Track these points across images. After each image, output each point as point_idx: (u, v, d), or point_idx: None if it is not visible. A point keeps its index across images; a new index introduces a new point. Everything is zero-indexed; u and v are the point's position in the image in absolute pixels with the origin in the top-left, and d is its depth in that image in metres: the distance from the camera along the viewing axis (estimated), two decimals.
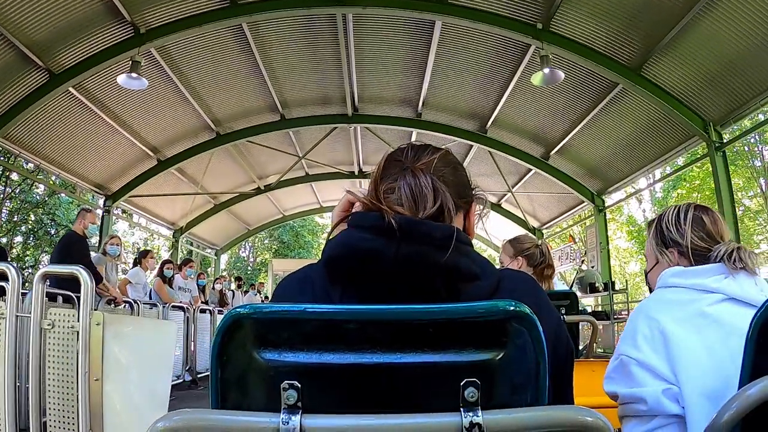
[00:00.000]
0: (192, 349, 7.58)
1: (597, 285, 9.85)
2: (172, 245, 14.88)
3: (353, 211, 1.04)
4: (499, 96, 9.77)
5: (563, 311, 2.76)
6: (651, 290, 1.60)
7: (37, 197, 18.96)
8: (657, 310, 1.40)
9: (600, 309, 10.53)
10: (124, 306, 5.71)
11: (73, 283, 3.17)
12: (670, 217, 1.56)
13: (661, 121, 8.76)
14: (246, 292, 13.98)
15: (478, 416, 0.72)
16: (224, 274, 14.10)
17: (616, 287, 9.72)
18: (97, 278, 4.98)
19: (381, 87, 10.25)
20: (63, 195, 17.77)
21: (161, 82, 9.08)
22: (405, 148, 1.08)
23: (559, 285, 3.94)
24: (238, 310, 0.77)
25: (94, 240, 6.08)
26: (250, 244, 32.35)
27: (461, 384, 0.74)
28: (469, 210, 1.10)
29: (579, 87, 8.86)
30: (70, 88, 8.23)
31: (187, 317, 7.45)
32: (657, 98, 8.00)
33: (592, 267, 10.99)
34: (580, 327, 4.12)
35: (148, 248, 7.73)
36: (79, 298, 3.01)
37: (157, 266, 7.76)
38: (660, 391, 1.27)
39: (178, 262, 14.34)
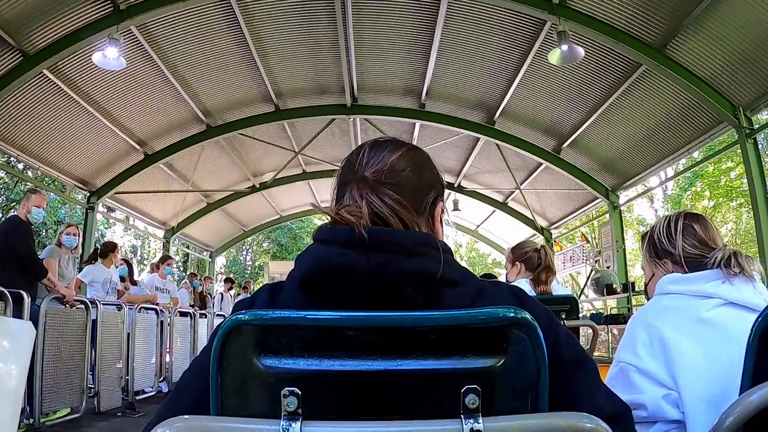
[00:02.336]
0: (167, 357, 6.79)
1: (615, 286, 9.16)
2: (164, 246, 14.20)
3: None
4: (508, 83, 9.11)
5: (563, 316, 2.72)
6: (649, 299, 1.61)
7: (21, 195, 18.25)
8: (655, 317, 1.42)
9: (616, 312, 9.84)
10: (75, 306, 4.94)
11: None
12: (660, 229, 1.58)
13: (686, 108, 8.09)
14: (237, 294, 13.25)
15: (478, 423, 0.72)
16: (208, 275, 13.30)
17: (636, 288, 9.01)
18: (40, 272, 4.30)
19: (382, 75, 9.60)
20: (52, 194, 17.10)
21: (146, 68, 8.43)
22: (361, 148, 1.05)
23: (559, 289, 3.50)
24: (238, 315, 0.77)
25: (75, 242, 5.32)
26: (248, 247, 31.70)
27: (462, 391, 0.74)
28: (433, 212, 1.04)
29: (596, 71, 8.19)
30: (46, 71, 7.57)
31: (161, 321, 6.66)
32: (683, 80, 7.33)
33: (608, 267, 10.29)
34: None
35: (113, 241, 6.94)
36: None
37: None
38: (660, 397, 1.29)
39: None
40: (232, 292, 13.12)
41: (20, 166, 12.25)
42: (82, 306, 4.91)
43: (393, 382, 0.76)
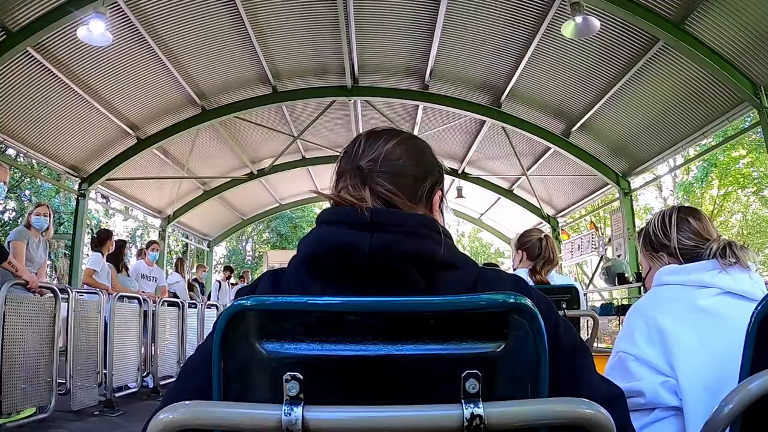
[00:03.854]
0: (153, 350, 6.33)
1: (627, 275, 8.79)
2: (160, 235, 13.84)
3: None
4: (516, 63, 8.70)
5: (564, 306, 2.68)
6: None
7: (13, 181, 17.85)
8: (652, 307, 1.45)
9: (627, 302, 9.48)
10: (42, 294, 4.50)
11: None
12: (656, 223, 1.62)
13: (703, 87, 7.69)
14: (234, 284, 12.87)
15: (479, 408, 0.72)
16: (201, 263, 12.85)
17: None
18: (0, 254, 3.89)
19: (384, 54, 9.19)
20: (46, 183, 16.74)
21: (136, 46, 8.03)
22: (357, 138, 1.06)
23: (559, 279, 3.27)
24: (240, 301, 0.77)
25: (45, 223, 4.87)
26: (248, 237, 31.36)
27: (462, 375, 0.74)
28: (431, 200, 1.05)
29: (610, 48, 7.77)
30: (30, 49, 7.19)
31: (144, 311, 6.21)
32: (702, 56, 6.92)
33: (618, 256, 9.91)
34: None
35: (108, 228, 6.59)
36: None
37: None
38: (658, 384, 1.31)
39: (165, 254, 13.46)
40: (231, 281, 12.74)
41: (11, 152, 11.82)
42: (51, 294, 4.49)
43: (394, 366, 0.76)
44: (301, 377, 0.73)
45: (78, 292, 5.20)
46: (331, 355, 0.76)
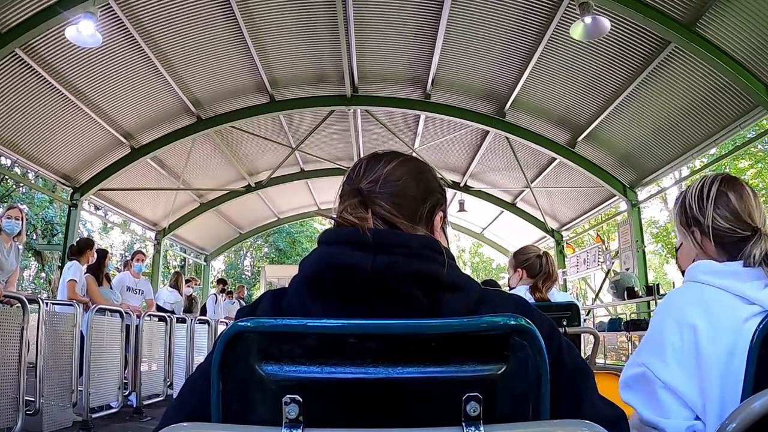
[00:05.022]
0: (134, 367, 5.88)
1: (637, 290, 8.45)
2: (155, 249, 13.52)
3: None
4: (521, 70, 8.46)
5: (564, 323, 2.63)
6: (681, 270, 1.46)
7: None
8: (691, 313, 1.21)
9: (636, 317, 9.13)
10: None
11: None
12: (693, 192, 1.40)
13: (714, 93, 7.43)
14: (230, 293, 12.46)
15: (480, 430, 0.70)
16: (193, 277, 12.41)
17: (661, 291, 8.27)
18: None
19: (384, 62, 8.96)
20: (40, 193, 16.44)
21: (129, 50, 7.79)
22: (359, 162, 1.07)
23: (559, 296, 3.08)
24: (239, 323, 0.76)
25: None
26: (246, 252, 30.99)
27: (463, 398, 0.73)
28: (432, 221, 1.04)
29: (619, 52, 7.53)
30: (19, 51, 6.95)
31: (127, 325, 5.78)
32: (714, 59, 6.68)
33: (627, 269, 9.58)
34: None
35: (90, 237, 6.24)
36: None
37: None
38: (684, 429, 1.15)
39: (160, 268, 13.12)
40: (225, 294, 12.33)
41: (2, 161, 11.54)
42: (20, 305, 4.12)
43: (394, 389, 0.76)
44: (301, 400, 0.72)
45: (53, 304, 4.84)
46: (331, 378, 0.75)
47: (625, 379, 1.27)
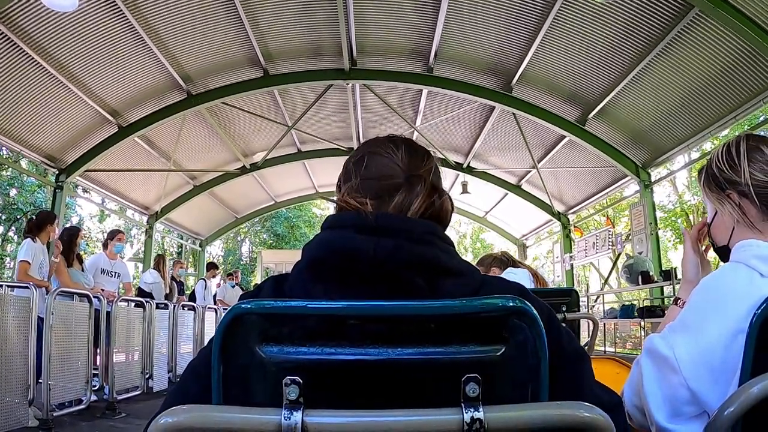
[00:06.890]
0: (106, 358, 5.31)
1: (651, 274, 8.01)
2: (147, 233, 13.07)
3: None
4: (529, 42, 7.95)
5: (563, 309, 2.56)
6: (715, 247, 1.32)
7: None
8: (747, 313, 0.97)
9: (650, 304, 8.70)
10: None
11: None
12: (719, 156, 1.27)
13: (737, 64, 6.91)
14: (229, 276, 12.05)
15: (479, 412, 0.70)
16: (179, 260, 11.92)
17: (678, 276, 7.82)
18: None
19: (385, 33, 8.45)
20: (29, 177, 15.95)
21: (114, 23, 7.26)
22: (390, 145, 1.03)
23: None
24: (241, 305, 0.76)
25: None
26: (243, 237, 30.56)
27: (462, 379, 0.73)
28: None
29: (635, 20, 7.00)
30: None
31: (97, 311, 5.19)
32: (742, 26, 6.18)
33: (640, 253, 9.12)
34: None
35: (48, 210, 5.73)
36: None
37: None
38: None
39: (152, 253, 12.65)
40: (216, 279, 11.89)
41: None
42: None
43: (394, 371, 0.76)
44: (301, 381, 0.72)
45: (8, 286, 4.36)
46: (331, 359, 0.76)
47: (653, 348, 1.11)
